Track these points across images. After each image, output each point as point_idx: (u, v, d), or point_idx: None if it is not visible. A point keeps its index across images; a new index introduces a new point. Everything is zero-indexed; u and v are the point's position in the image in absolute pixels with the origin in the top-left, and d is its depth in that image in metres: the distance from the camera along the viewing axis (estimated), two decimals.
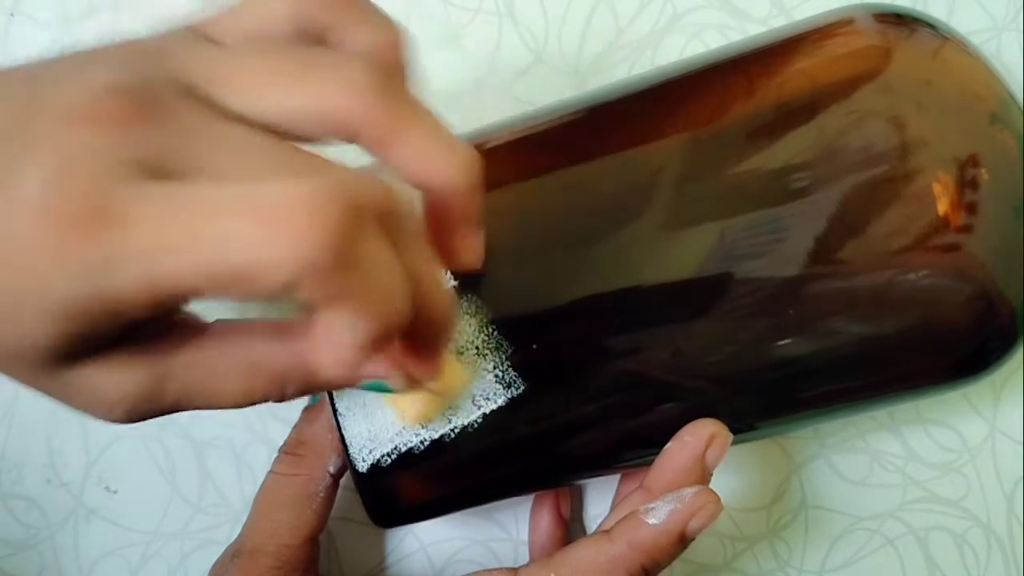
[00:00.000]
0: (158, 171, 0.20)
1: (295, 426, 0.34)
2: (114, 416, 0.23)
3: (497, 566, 0.39)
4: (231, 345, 0.24)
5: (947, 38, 0.32)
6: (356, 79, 0.22)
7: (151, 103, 0.20)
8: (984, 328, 0.31)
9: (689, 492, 0.30)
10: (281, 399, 0.24)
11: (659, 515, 0.30)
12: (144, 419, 0.23)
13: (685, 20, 0.40)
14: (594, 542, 0.30)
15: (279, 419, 0.40)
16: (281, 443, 0.35)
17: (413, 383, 0.25)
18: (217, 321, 0.24)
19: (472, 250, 0.25)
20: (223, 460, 0.40)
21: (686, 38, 0.40)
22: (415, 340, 0.24)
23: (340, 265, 0.19)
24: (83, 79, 0.20)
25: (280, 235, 0.19)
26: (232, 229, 0.19)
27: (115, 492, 0.40)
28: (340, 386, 0.28)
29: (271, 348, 0.24)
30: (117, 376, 0.22)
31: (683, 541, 0.30)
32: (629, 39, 0.40)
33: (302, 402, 0.35)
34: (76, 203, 0.19)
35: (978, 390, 0.40)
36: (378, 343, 0.22)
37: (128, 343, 0.22)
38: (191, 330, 0.24)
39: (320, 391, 0.26)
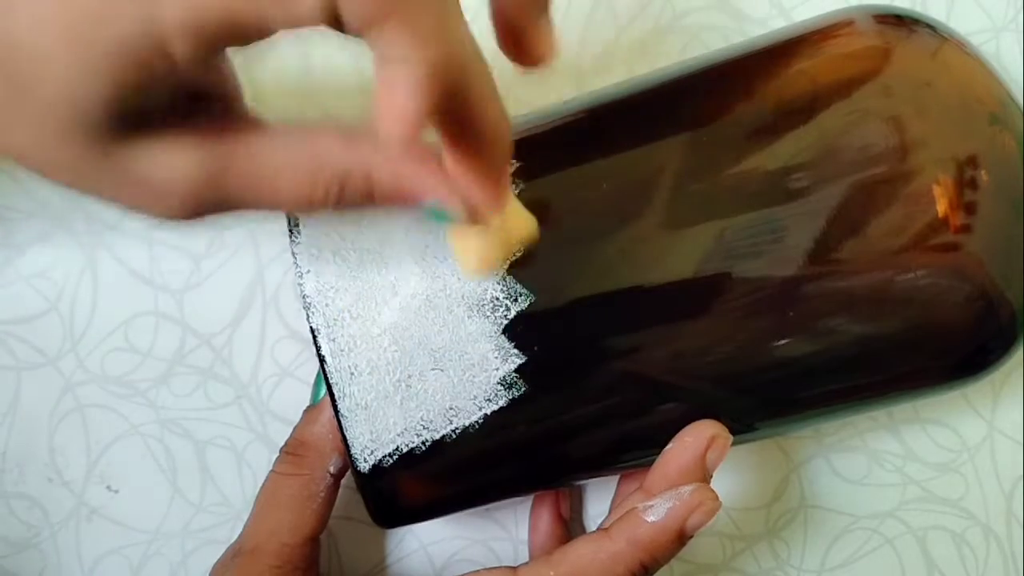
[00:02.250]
0: None
1: (296, 426, 0.34)
2: (171, 207, 0.22)
3: (497, 565, 0.39)
4: (295, 140, 0.23)
5: (946, 39, 0.32)
6: None
7: None
8: (984, 328, 0.31)
9: (687, 490, 0.30)
10: (339, 203, 0.24)
11: (658, 512, 0.30)
12: (200, 214, 0.23)
13: (685, 21, 0.40)
14: (593, 540, 0.30)
15: (279, 419, 0.40)
16: (282, 442, 0.35)
17: (475, 212, 0.25)
18: (280, 121, 0.24)
19: (546, 39, 0.26)
20: (224, 459, 0.40)
21: (686, 39, 0.40)
22: (473, 159, 0.25)
23: None
24: None
25: None
26: None
27: (116, 491, 0.40)
28: (400, 196, 0.25)
29: (335, 146, 0.23)
30: (175, 156, 0.22)
31: (682, 538, 0.30)
32: (629, 40, 0.40)
33: (303, 402, 0.35)
34: None
35: (977, 390, 0.40)
36: (435, 94, 0.21)
37: (185, 126, 0.22)
38: (253, 123, 0.23)
39: (381, 203, 0.25)
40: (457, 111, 0.24)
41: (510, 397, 0.30)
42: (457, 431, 0.30)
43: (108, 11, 0.19)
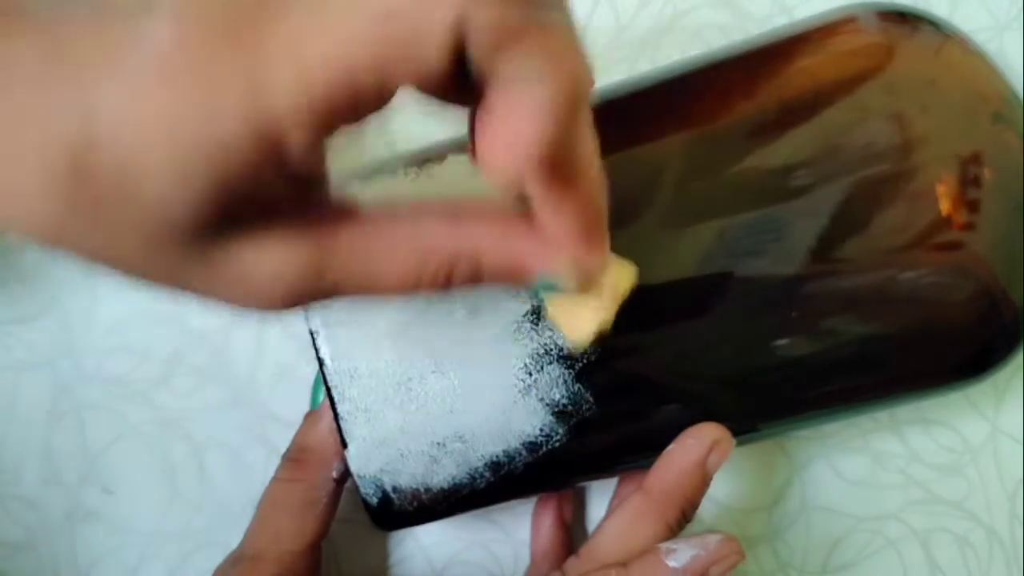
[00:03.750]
0: None
1: (298, 431, 0.34)
2: (272, 300, 0.21)
3: (497, 567, 0.39)
4: (398, 226, 0.22)
5: (949, 36, 0.32)
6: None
7: None
8: (987, 328, 0.31)
9: (714, 539, 0.29)
10: (446, 288, 0.23)
11: (680, 559, 0.29)
12: (299, 305, 0.22)
13: (686, 19, 0.40)
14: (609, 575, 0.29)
15: (278, 420, 0.40)
16: (281, 444, 0.35)
17: (587, 277, 0.24)
18: (376, 204, 0.23)
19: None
20: (222, 461, 0.40)
21: (686, 37, 0.40)
22: (579, 215, 0.23)
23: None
24: None
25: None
26: None
27: (113, 493, 0.40)
28: (511, 275, 0.24)
29: (439, 230, 0.22)
30: (273, 255, 0.20)
31: None
32: (629, 38, 0.40)
33: (305, 406, 0.35)
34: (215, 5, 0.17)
35: (980, 390, 0.40)
36: (564, 121, 0.20)
37: (281, 222, 0.20)
38: (350, 211, 0.22)
39: (489, 283, 0.24)
40: (570, 153, 0.22)
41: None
42: (457, 434, 0.30)
43: (210, 108, 0.17)
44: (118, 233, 0.19)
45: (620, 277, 0.27)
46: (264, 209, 0.20)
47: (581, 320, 0.27)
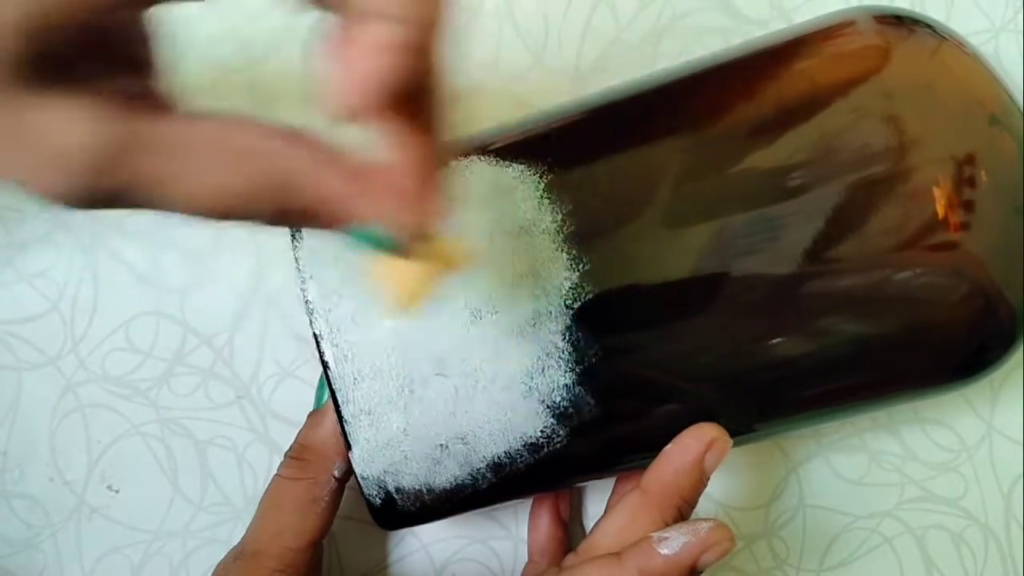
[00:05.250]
0: None
1: (300, 431, 0.34)
2: (64, 176, 0.19)
3: (497, 564, 0.39)
4: (225, 128, 0.20)
5: (946, 39, 0.32)
6: None
7: None
8: (983, 328, 0.31)
9: (705, 526, 0.29)
10: (253, 207, 0.21)
11: (672, 546, 0.29)
12: (95, 198, 0.20)
13: (684, 22, 0.40)
14: (604, 564, 0.30)
15: (280, 418, 0.40)
16: (283, 443, 0.35)
17: (412, 237, 0.22)
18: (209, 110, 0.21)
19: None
20: (225, 459, 0.40)
21: (685, 39, 0.40)
22: (417, 168, 0.22)
23: None
24: None
25: None
26: None
27: (117, 491, 0.40)
28: (325, 211, 0.22)
29: (261, 140, 0.20)
30: (75, 115, 0.19)
31: (692, 573, 0.29)
32: (628, 40, 0.40)
33: (307, 406, 0.35)
34: None
35: (976, 389, 0.40)
36: (409, 63, 0.19)
37: (95, 89, 0.19)
38: (172, 105, 0.21)
39: (296, 217, 0.22)
40: (415, 98, 0.21)
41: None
42: (459, 436, 0.30)
43: None
44: None
45: (451, 252, 0.26)
46: (78, 64, 0.19)
47: (403, 286, 0.25)
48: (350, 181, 0.21)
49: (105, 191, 0.20)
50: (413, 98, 0.21)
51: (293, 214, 0.21)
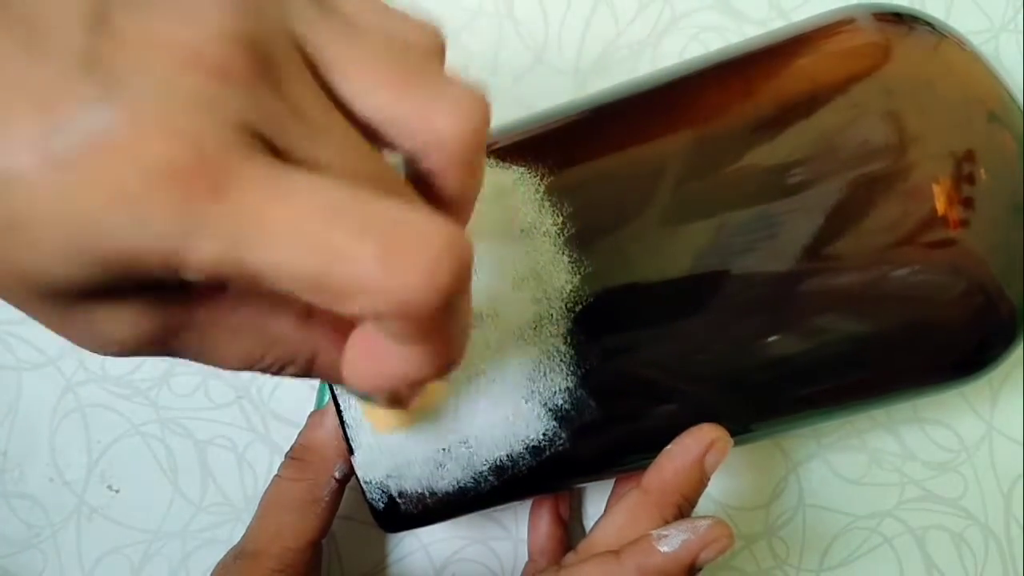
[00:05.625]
0: (266, 143, 0.18)
1: (301, 431, 0.34)
2: (104, 353, 0.21)
3: (497, 564, 0.39)
4: (252, 311, 0.22)
5: (945, 36, 0.32)
6: (469, 113, 0.20)
7: (270, 61, 0.18)
8: (982, 325, 0.31)
9: (704, 524, 0.30)
10: (275, 374, 0.23)
11: (671, 543, 0.29)
12: (140, 355, 0.22)
13: (684, 22, 0.40)
14: (603, 562, 0.30)
15: (281, 419, 0.40)
16: (283, 443, 0.35)
17: (397, 403, 0.25)
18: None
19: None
20: (225, 459, 0.40)
21: (685, 39, 0.40)
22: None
23: (444, 314, 0.18)
24: (197, 15, 0.17)
25: (401, 266, 0.17)
26: (347, 241, 0.17)
27: (117, 491, 0.40)
28: (337, 382, 0.25)
29: (293, 329, 0.22)
30: (123, 323, 0.20)
31: (692, 571, 0.30)
32: (628, 40, 0.40)
33: (307, 405, 0.35)
34: (186, 155, 0.16)
35: (976, 389, 0.40)
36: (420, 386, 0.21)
37: (143, 293, 0.20)
38: (210, 288, 0.21)
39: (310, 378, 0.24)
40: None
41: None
42: (461, 439, 0.30)
43: (116, 224, 0.17)
44: None
45: (432, 398, 0.29)
46: (129, 290, 0.20)
47: (385, 415, 0.29)
48: (370, 362, 0.22)
49: (149, 355, 0.21)
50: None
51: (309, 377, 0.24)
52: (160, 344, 0.21)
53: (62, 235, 0.17)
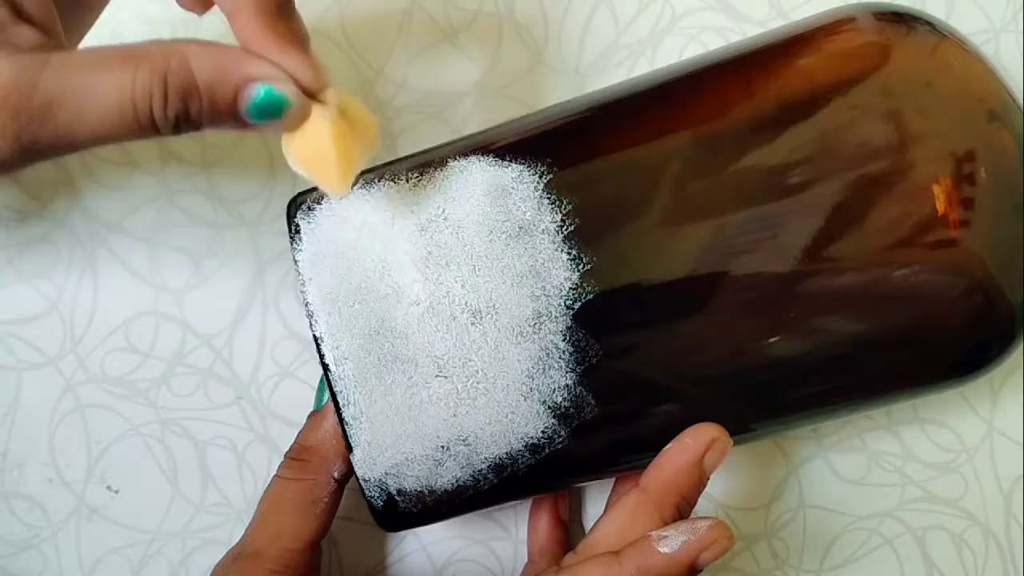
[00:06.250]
0: None
1: (300, 431, 0.34)
2: None
3: (497, 564, 0.39)
4: (112, 48, 0.23)
5: (946, 36, 0.32)
6: None
7: None
8: (982, 325, 0.31)
9: (704, 525, 0.30)
10: (164, 104, 0.24)
11: (672, 544, 0.29)
12: (20, 146, 0.23)
13: (684, 22, 0.40)
14: (603, 562, 0.30)
15: (280, 419, 0.40)
16: (282, 443, 0.35)
17: (300, 85, 0.25)
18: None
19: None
20: (224, 460, 0.40)
21: (685, 40, 0.40)
22: (293, 32, 0.25)
23: None
24: None
25: None
26: None
27: (117, 492, 0.40)
28: (225, 82, 0.25)
29: (149, 45, 0.24)
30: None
31: (692, 572, 0.29)
32: (628, 41, 0.40)
33: (307, 406, 0.35)
34: None
35: (976, 390, 0.40)
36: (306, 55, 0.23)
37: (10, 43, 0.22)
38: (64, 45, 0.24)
39: (206, 101, 0.25)
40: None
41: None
42: (460, 437, 0.30)
43: None
44: None
45: (359, 117, 0.28)
46: None
47: (326, 161, 0.27)
48: (241, 53, 0.24)
49: (26, 121, 0.22)
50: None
51: (201, 98, 0.24)
52: (32, 87, 0.22)
53: None
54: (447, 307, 0.29)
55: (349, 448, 0.30)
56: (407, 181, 0.31)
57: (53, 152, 0.24)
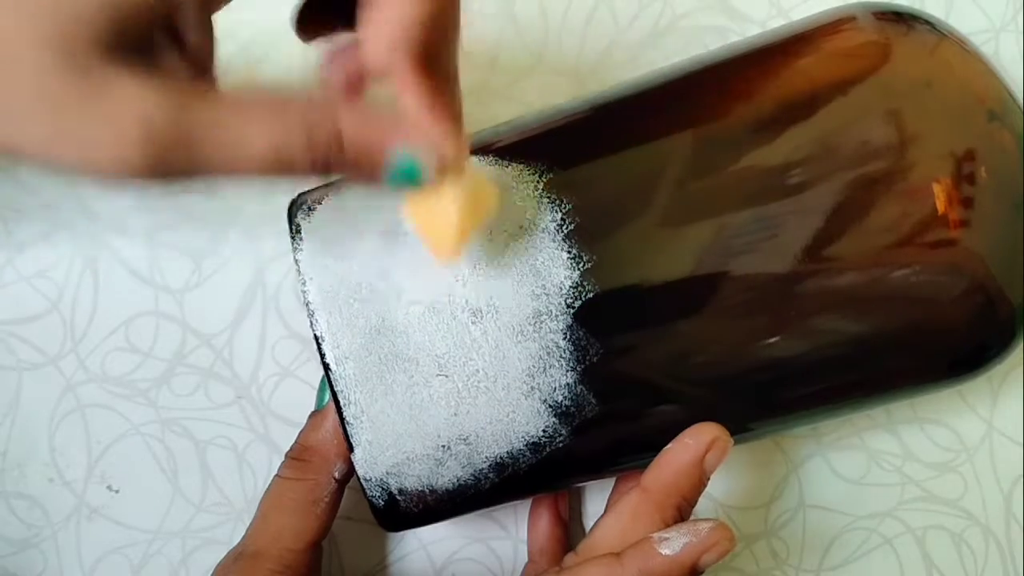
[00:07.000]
0: None
1: (301, 431, 0.34)
2: (132, 150, 0.22)
3: (497, 564, 0.39)
4: (262, 94, 0.24)
5: (946, 36, 0.32)
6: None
7: None
8: (982, 325, 0.31)
9: (706, 526, 0.29)
10: (309, 156, 0.24)
11: (673, 546, 0.29)
12: (163, 170, 0.23)
13: (684, 22, 0.40)
14: (604, 564, 0.30)
15: (280, 418, 0.40)
16: (283, 443, 0.35)
17: (445, 164, 0.25)
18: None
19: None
20: (225, 459, 0.40)
21: (685, 39, 0.40)
22: (441, 106, 0.26)
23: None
24: None
25: None
26: None
27: (117, 491, 0.40)
28: (368, 148, 0.25)
29: (301, 100, 0.24)
30: (144, 93, 0.22)
31: (693, 574, 0.29)
32: (628, 41, 0.40)
33: (307, 406, 0.35)
34: None
35: (976, 389, 0.40)
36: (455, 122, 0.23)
37: (158, 72, 0.22)
38: (221, 86, 0.24)
39: (349, 160, 0.25)
40: (441, 51, 0.25)
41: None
42: (461, 436, 0.30)
43: None
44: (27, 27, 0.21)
45: (482, 192, 0.28)
46: (146, 48, 0.22)
47: (444, 230, 0.28)
48: (390, 121, 0.25)
49: (170, 159, 0.22)
50: (433, 54, 0.25)
51: (345, 157, 0.25)
52: (181, 124, 0.22)
53: None
54: (448, 306, 0.30)
55: (350, 448, 0.30)
56: None
57: (182, 179, 0.24)
